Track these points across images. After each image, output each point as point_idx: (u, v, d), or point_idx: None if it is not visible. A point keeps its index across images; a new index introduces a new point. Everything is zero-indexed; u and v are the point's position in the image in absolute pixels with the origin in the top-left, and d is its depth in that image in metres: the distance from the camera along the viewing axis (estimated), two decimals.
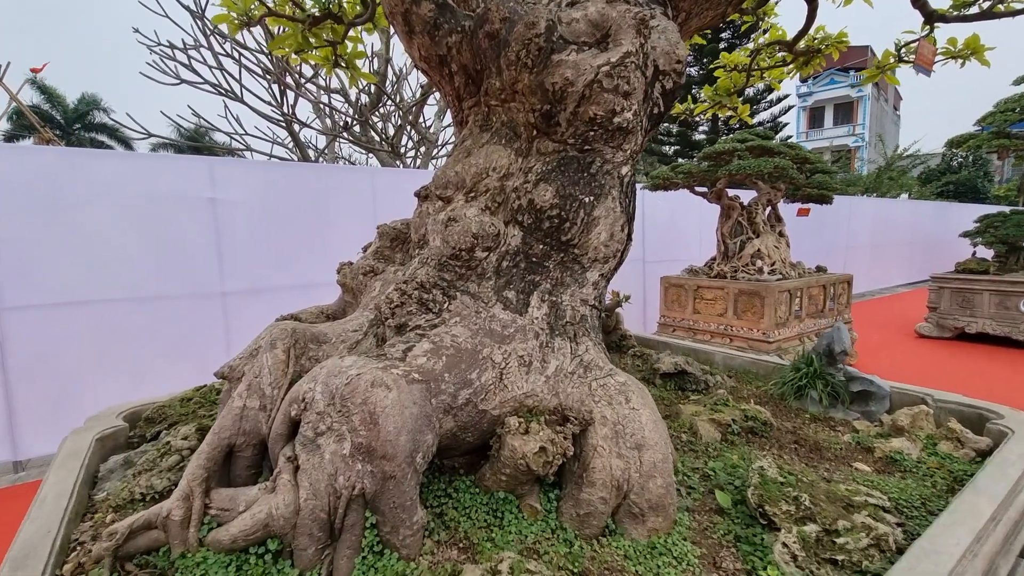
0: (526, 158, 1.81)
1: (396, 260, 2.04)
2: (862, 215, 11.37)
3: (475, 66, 1.87)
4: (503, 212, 1.77)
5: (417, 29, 1.86)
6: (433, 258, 1.72)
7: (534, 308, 1.67)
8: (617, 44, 1.68)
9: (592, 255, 1.74)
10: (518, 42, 1.66)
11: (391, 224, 2.09)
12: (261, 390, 1.46)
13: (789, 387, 2.69)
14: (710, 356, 3.49)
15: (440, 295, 1.63)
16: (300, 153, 7.70)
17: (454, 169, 1.80)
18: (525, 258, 1.71)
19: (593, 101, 1.65)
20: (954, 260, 13.68)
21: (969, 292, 7.95)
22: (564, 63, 1.65)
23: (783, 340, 6.27)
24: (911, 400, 2.53)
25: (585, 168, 1.72)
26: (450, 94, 2.03)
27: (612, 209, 1.72)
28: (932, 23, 2.88)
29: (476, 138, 1.86)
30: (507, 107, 1.82)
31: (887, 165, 16.59)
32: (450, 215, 1.71)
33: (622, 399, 1.50)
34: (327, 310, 2.15)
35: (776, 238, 7.20)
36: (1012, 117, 7.30)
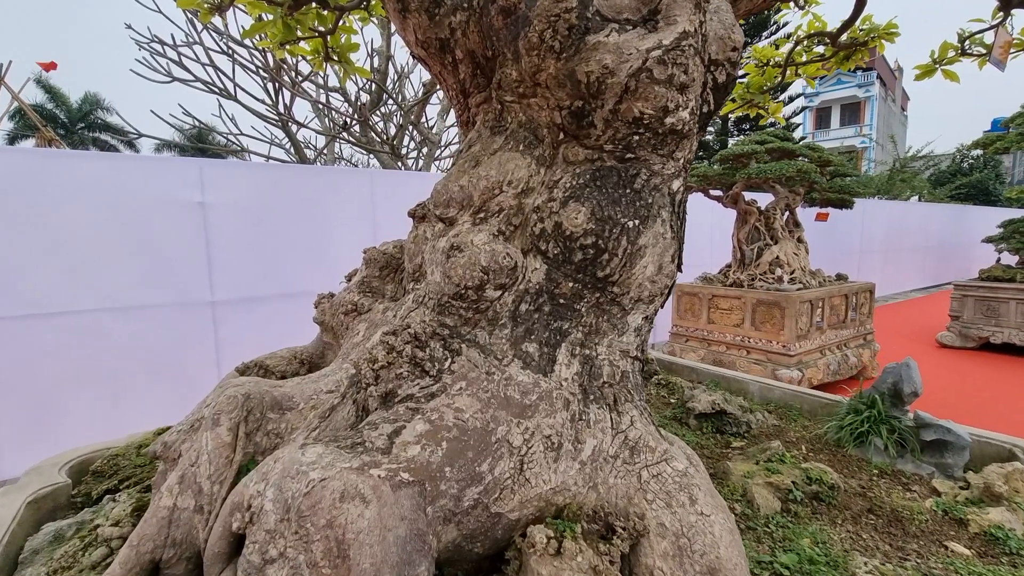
0: (550, 168, 1.42)
1: (386, 293, 1.65)
2: (876, 218, 11.01)
3: (485, 52, 1.49)
4: (521, 238, 1.39)
5: (412, 6, 1.48)
6: (432, 297, 1.34)
7: (562, 366, 1.29)
8: (670, 22, 1.29)
9: (635, 294, 1.35)
10: (542, 19, 1.27)
11: (380, 248, 1.71)
12: (197, 484, 1.08)
13: (847, 432, 2.31)
14: (744, 386, 3.10)
15: (440, 349, 1.25)
16: (297, 154, 7.31)
17: (458, 182, 1.41)
18: (550, 299, 1.33)
19: (640, 96, 1.27)
20: (971, 265, 13.33)
21: (994, 301, 7.59)
22: (602, 46, 1.26)
23: (804, 353, 5.90)
24: (995, 451, 2.15)
25: (627, 183, 1.33)
26: (453, 87, 1.64)
27: (661, 235, 1.34)
28: (1010, 9, 2.49)
29: (486, 143, 1.48)
30: (526, 103, 1.43)
31: (900, 167, 16.16)
32: (453, 242, 1.32)
33: (684, 498, 1.12)
34: (302, 354, 1.77)
35: (795, 245, 6.83)
36: None
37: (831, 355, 6.18)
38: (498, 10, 1.35)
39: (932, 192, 16.81)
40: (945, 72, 3.05)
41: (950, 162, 20.10)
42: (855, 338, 6.58)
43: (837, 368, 6.11)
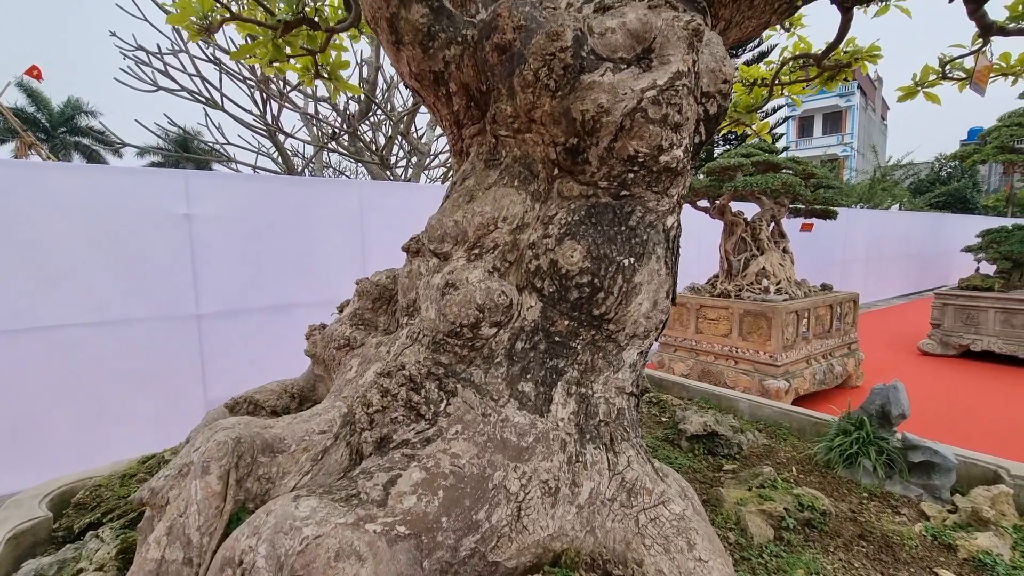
0: (545, 203, 1.42)
1: (379, 325, 1.63)
2: (858, 227, 11.22)
3: (479, 86, 1.48)
4: (516, 274, 1.38)
5: (406, 39, 1.47)
6: (427, 334, 1.32)
7: (558, 405, 1.28)
8: (664, 62, 1.30)
9: (631, 330, 1.35)
10: (537, 58, 1.27)
11: (373, 279, 1.69)
12: (186, 536, 1.05)
13: (837, 453, 2.33)
14: (734, 404, 3.12)
15: (435, 390, 1.23)
16: (285, 164, 7.24)
17: (452, 217, 1.40)
18: (545, 337, 1.32)
19: (634, 134, 1.27)
20: (950, 272, 13.64)
21: (974, 309, 7.77)
22: (597, 85, 1.27)
23: (791, 363, 5.97)
24: (980, 473, 2.18)
25: (623, 220, 1.33)
26: (447, 118, 1.64)
27: (656, 272, 1.34)
28: (989, 36, 2.56)
29: (481, 176, 1.47)
30: (520, 138, 1.43)
31: (880, 176, 16.53)
32: (448, 279, 1.31)
33: (683, 543, 1.12)
34: (292, 387, 1.74)
35: (781, 255, 6.92)
36: (1019, 132, 7.12)
37: (817, 365, 6.26)
38: (493, 47, 1.34)
39: (912, 201, 17.20)
40: (927, 95, 3.13)
41: (929, 171, 20.59)
42: (840, 347, 6.68)
43: (823, 378, 6.20)
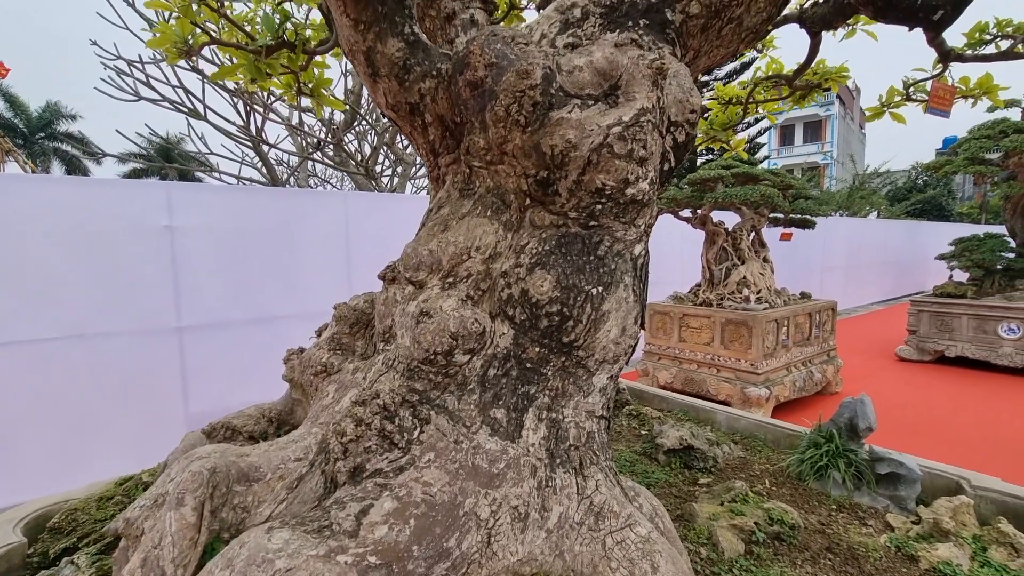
0: (517, 232, 1.46)
1: (356, 350, 1.66)
2: (837, 235, 11.47)
3: (454, 117, 1.53)
4: (489, 302, 1.42)
5: (382, 72, 1.51)
6: (401, 361, 1.36)
7: (529, 431, 1.32)
8: (629, 99, 1.36)
9: (600, 356, 1.40)
10: (508, 94, 1.32)
11: (351, 303, 1.72)
12: (161, 568, 1.06)
13: (808, 466, 2.40)
14: (711, 415, 3.19)
15: (409, 418, 1.27)
16: (269, 174, 7.22)
17: (427, 247, 1.44)
18: (517, 364, 1.36)
19: (601, 168, 1.33)
20: (927, 278, 13.98)
21: (948, 316, 7.97)
22: (565, 122, 1.32)
23: (771, 371, 6.08)
24: (944, 484, 2.26)
25: (591, 250, 1.38)
26: (423, 147, 1.68)
27: (624, 299, 1.39)
28: (948, 62, 2.68)
29: (455, 205, 1.51)
30: (493, 170, 1.47)
31: (859, 184, 16.94)
32: (423, 307, 1.35)
33: (647, 566, 1.16)
34: (270, 411, 1.75)
35: (761, 264, 7.06)
36: (987, 144, 7.36)
37: (797, 372, 6.37)
38: (465, 83, 1.39)
39: (889, 208, 17.64)
40: (892, 115, 3.25)
41: (906, 179, 21.14)
42: (819, 355, 6.81)
43: (803, 385, 6.31)
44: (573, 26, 1.78)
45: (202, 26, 2.05)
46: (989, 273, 7.95)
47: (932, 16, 2.39)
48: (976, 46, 2.64)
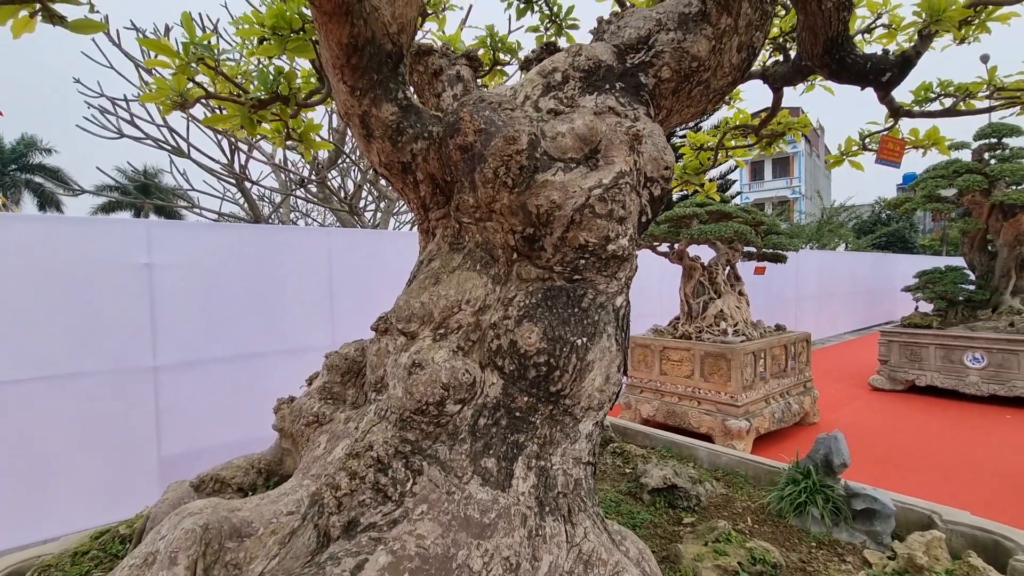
0: (505, 285, 1.54)
1: (347, 399, 1.69)
2: (808, 267, 11.87)
3: (444, 176, 1.62)
4: (479, 352, 1.48)
5: (376, 134, 1.60)
6: (394, 412, 1.39)
7: (519, 479, 1.36)
8: (609, 162, 1.47)
9: (586, 403, 1.46)
10: (496, 158, 1.42)
11: (342, 352, 1.75)
12: None
13: (787, 503, 2.46)
14: (694, 452, 3.25)
15: (402, 470, 1.30)
16: (252, 211, 7.23)
17: (419, 299, 1.50)
18: (507, 413, 1.41)
19: (584, 227, 1.42)
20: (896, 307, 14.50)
21: (916, 346, 8.22)
22: (550, 184, 1.42)
23: (750, 403, 6.18)
24: (917, 518, 2.34)
25: (575, 302, 1.46)
26: (415, 202, 1.76)
27: (607, 349, 1.46)
28: (898, 118, 2.91)
29: (446, 259, 1.58)
30: (482, 226, 1.56)
31: (826, 219, 17.72)
32: (415, 359, 1.40)
33: None
34: (259, 462, 1.75)
35: (737, 298, 7.26)
36: (942, 183, 7.81)
37: (775, 403, 6.49)
38: (456, 146, 1.49)
39: (856, 241, 18.40)
40: (851, 162, 3.48)
41: (871, 213, 22.15)
42: (796, 386, 6.95)
43: (781, 416, 6.41)
44: (555, 89, 1.92)
45: (197, 81, 2.13)
46: (952, 304, 8.30)
47: (881, 78, 2.62)
48: (922, 103, 2.88)
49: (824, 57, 2.59)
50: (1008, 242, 7.60)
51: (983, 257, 8.17)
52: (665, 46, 2.07)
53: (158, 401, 4.59)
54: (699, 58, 2.10)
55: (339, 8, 1.35)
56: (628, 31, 2.13)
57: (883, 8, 2.85)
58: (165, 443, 4.58)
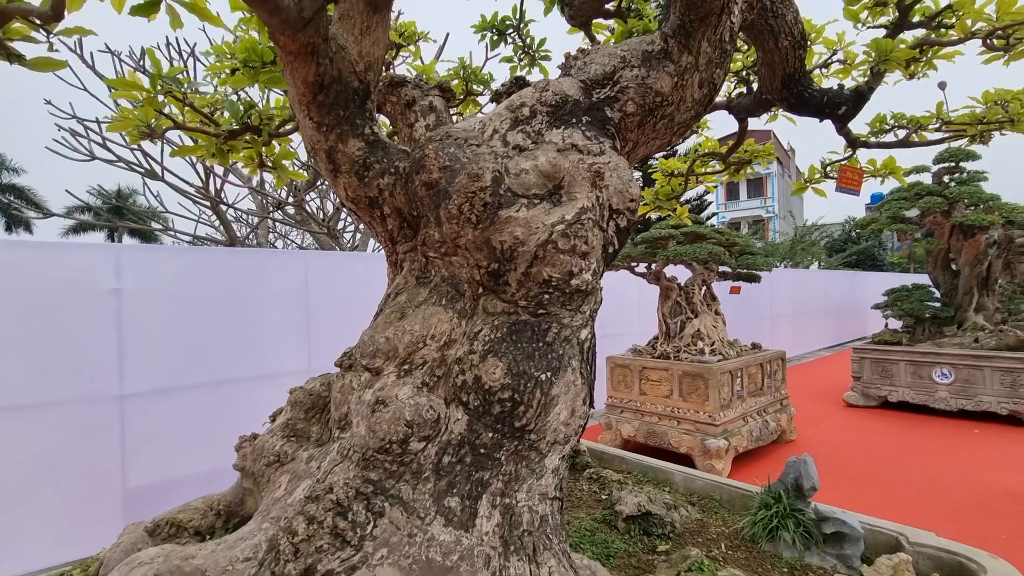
0: (471, 320, 1.54)
1: (311, 435, 1.66)
2: (782, 285, 12.13)
3: (411, 211, 1.63)
4: (444, 387, 1.47)
5: (343, 168, 1.61)
6: (357, 451, 1.37)
7: (483, 518, 1.35)
8: (572, 198, 1.50)
9: (551, 438, 1.46)
10: (460, 195, 1.44)
11: (307, 387, 1.73)
12: None
13: (760, 527, 2.48)
14: (669, 476, 3.25)
15: (363, 512, 1.27)
16: (227, 233, 7.14)
17: (384, 334, 1.50)
18: (471, 450, 1.40)
19: (547, 262, 1.44)
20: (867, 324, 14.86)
21: (887, 362, 8.40)
22: (513, 220, 1.44)
23: (728, 422, 6.23)
24: (885, 539, 2.38)
25: (540, 336, 1.47)
26: (382, 235, 1.77)
27: (572, 383, 1.47)
28: (855, 148, 3.04)
29: (412, 293, 1.59)
30: (448, 261, 1.57)
31: (799, 237, 18.24)
32: (379, 396, 1.39)
33: None
34: (219, 503, 1.70)
35: (713, 317, 7.36)
36: (905, 205, 8.12)
37: (753, 422, 6.54)
38: (421, 183, 1.50)
39: (828, 260, 18.94)
40: (815, 189, 3.61)
41: (841, 231, 22.87)
42: (772, 404, 7.03)
43: (759, 434, 6.47)
44: (522, 123, 1.96)
45: (165, 112, 2.12)
46: (919, 321, 8.54)
47: (837, 111, 2.75)
48: (878, 134, 3.01)
49: (783, 91, 2.70)
50: (969, 261, 7.90)
51: (947, 275, 8.46)
52: (629, 82, 2.14)
53: (124, 431, 4.45)
54: (662, 93, 2.17)
55: (304, 48, 1.37)
56: (594, 67, 2.20)
57: (838, 45, 2.99)
58: (131, 475, 4.42)
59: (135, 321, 4.43)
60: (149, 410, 4.51)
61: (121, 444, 4.40)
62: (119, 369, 4.39)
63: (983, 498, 4.27)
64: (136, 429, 4.42)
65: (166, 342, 4.58)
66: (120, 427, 4.40)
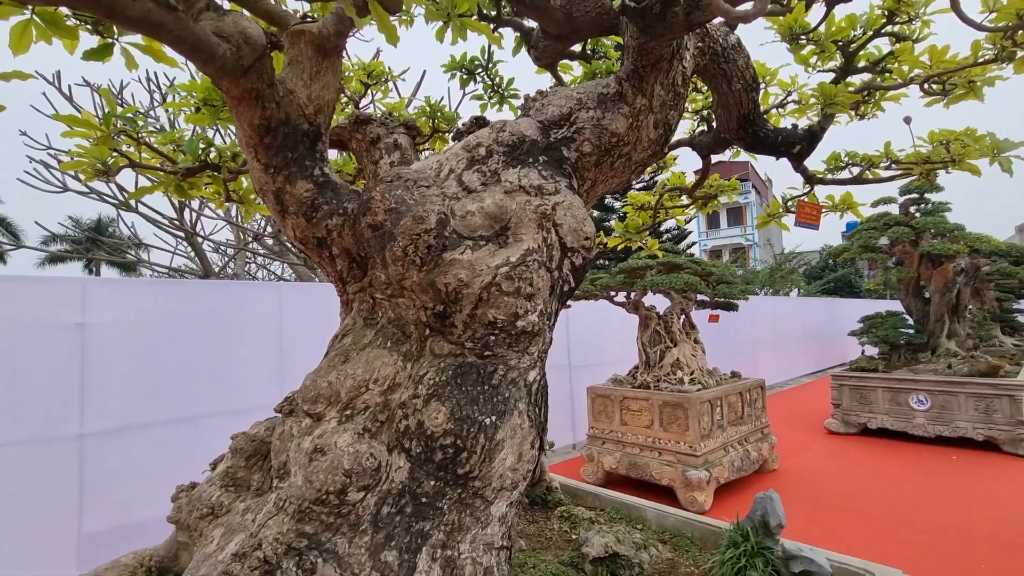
0: (417, 361, 1.52)
1: (252, 484, 1.59)
2: (762, 313, 12.27)
3: (359, 251, 1.62)
4: (387, 433, 1.44)
5: (291, 210, 1.60)
6: (293, 502, 1.32)
7: (422, 573, 1.30)
8: (518, 240, 1.51)
9: (497, 484, 1.42)
10: (405, 237, 1.43)
11: (251, 432, 1.67)
12: None
13: (729, 567, 2.42)
14: (642, 513, 3.19)
15: (293, 569, 1.21)
16: (202, 265, 7.05)
17: (327, 378, 1.46)
18: (412, 499, 1.36)
19: (492, 304, 1.44)
20: (846, 351, 15.03)
21: (865, 389, 8.46)
22: (457, 262, 1.44)
23: (709, 452, 6.17)
24: None
25: (486, 379, 1.45)
26: (332, 275, 1.75)
27: (519, 426, 1.45)
28: (812, 184, 3.13)
29: (358, 335, 1.56)
30: (395, 302, 1.55)
31: (778, 265, 18.59)
32: (317, 443, 1.34)
33: None
34: (150, 559, 1.61)
35: (692, 346, 7.39)
36: (875, 235, 8.33)
37: (734, 452, 6.48)
38: (367, 224, 1.50)
39: (806, 287, 19.29)
40: (778, 223, 3.69)
41: (819, 259, 23.37)
42: (753, 433, 6.99)
43: (741, 464, 6.40)
44: (479, 163, 1.98)
45: (121, 151, 2.11)
46: (895, 348, 8.66)
47: (792, 150, 2.83)
48: (834, 171, 3.11)
49: (739, 131, 2.79)
50: (939, 288, 8.09)
51: (918, 302, 8.64)
52: (585, 123, 2.19)
53: (83, 472, 4.27)
54: (618, 134, 2.22)
55: (248, 93, 1.38)
56: (551, 108, 2.25)
57: (792, 87, 3.11)
58: (88, 520, 4.22)
59: (99, 356, 4.32)
60: (109, 450, 4.35)
61: (79, 486, 4.22)
62: (80, 406, 4.25)
63: (962, 528, 4.26)
64: (94, 470, 4.25)
65: (131, 377, 4.46)
66: (78, 468, 4.23)
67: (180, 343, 4.72)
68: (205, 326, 4.90)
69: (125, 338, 4.39)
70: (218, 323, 5.01)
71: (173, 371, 4.65)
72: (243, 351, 5.14)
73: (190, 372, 4.78)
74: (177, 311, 4.74)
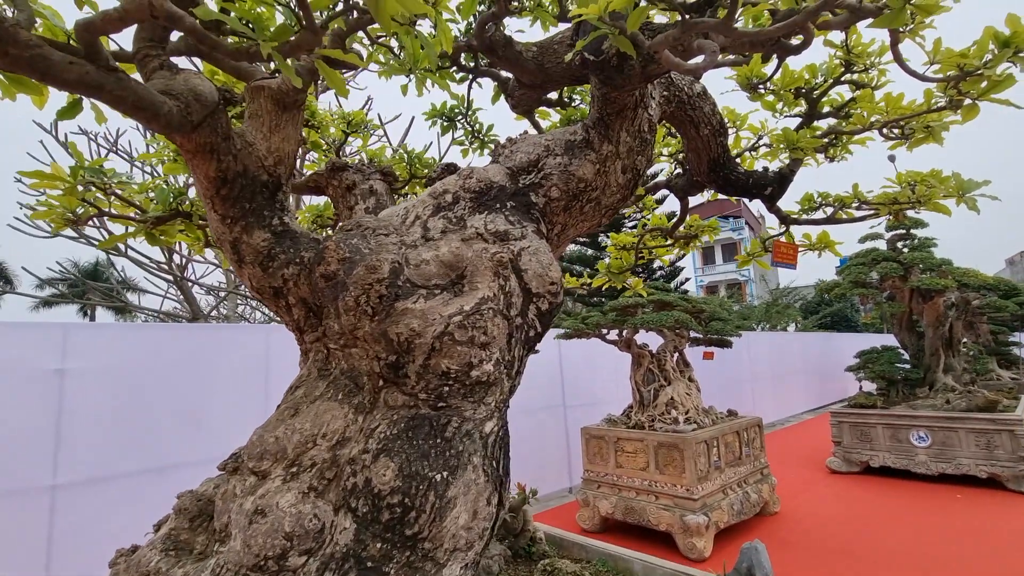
0: (370, 414, 1.47)
1: (196, 547, 1.51)
2: (760, 348, 12.16)
3: (315, 301, 1.60)
4: (335, 491, 1.37)
5: (248, 259, 1.60)
6: (230, 569, 1.25)
7: None
8: (473, 288, 1.50)
9: (450, 545, 1.35)
10: (357, 287, 1.42)
11: (198, 491, 1.60)
12: None
13: None
14: (629, 565, 3.05)
15: None
16: (190, 308, 7.03)
17: (274, 433, 1.41)
18: (357, 564, 1.28)
19: (444, 354, 1.41)
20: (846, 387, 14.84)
21: (865, 426, 8.28)
22: (410, 312, 1.42)
23: (707, 495, 5.96)
24: None
25: (439, 432, 1.40)
26: (290, 324, 1.73)
27: (473, 482, 1.39)
28: (788, 225, 3.16)
29: (311, 386, 1.52)
30: (348, 353, 1.52)
31: (773, 301, 18.63)
32: (258, 504, 1.28)
33: None
34: None
35: (687, 384, 7.27)
36: (864, 270, 8.37)
37: (733, 494, 6.27)
38: (320, 274, 1.49)
39: (803, 322, 19.25)
40: (759, 263, 3.70)
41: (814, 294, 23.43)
42: (752, 474, 6.78)
43: (741, 508, 6.17)
44: (445, 209, 1.99)
45: (91, 201, 2.12)
46: (892, 383, 8.54)
47: (764, 192, 2.87)
48: (808, 211, 3.14)
49: (710, 175, 2.83)
50: (932, 323, 8.05)
51: (913, 337, 8.58)
52: (553, 169, 2.22)
53: (53, 525, 4.11)
54: (585, 179, 2.25)
55: (202, 147, 1.40)
56: (519, 155, 2.29)
57: (763, 131, 3.19)
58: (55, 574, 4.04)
59: (76, 403, 4.24)
60: (82, 502, 4.20)
61: (48, 540, 4.05)
62: (54, 456, 4.14)
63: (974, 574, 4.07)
64: (66, 523, 4.09)
65: (108, 426, 4.37)
66: (49, 521, 4.07)
67: (161, 389, 4.65)
68: (187, 371, 4.84)
69: (104, 384, 4.33)
70: (201, 368, 4.95)
71: (153, 418, 4.55)
72: (227, 397, 5.05)
73: (171, 419, 4.68)
74: (159, 356, 4.69)
